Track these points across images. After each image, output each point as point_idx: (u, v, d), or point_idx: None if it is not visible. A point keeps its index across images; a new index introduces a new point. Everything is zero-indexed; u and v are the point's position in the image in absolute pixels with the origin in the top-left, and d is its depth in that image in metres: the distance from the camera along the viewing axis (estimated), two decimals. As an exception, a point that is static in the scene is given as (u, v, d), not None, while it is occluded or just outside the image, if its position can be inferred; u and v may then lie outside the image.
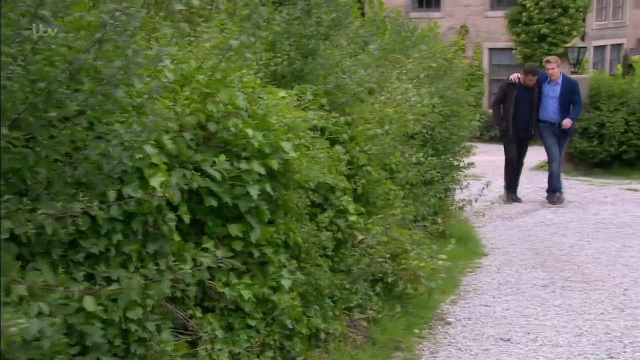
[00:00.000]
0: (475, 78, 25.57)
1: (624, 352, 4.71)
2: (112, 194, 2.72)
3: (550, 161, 10.66)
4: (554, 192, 10.62)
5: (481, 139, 23.87)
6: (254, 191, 3.78)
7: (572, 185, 12.38)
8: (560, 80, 10.41)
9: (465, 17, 25.59)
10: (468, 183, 8.69)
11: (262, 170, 3.83)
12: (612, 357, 4.63)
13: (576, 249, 7.79)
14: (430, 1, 26.27)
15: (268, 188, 3.90)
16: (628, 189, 12.28)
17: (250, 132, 3.81)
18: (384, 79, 5.60)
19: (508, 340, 4.96)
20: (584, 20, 23.55)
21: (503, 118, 10.42)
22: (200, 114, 3.55)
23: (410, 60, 6.93)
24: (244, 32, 3.94)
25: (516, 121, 10.29)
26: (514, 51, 24.48)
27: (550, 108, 10.36)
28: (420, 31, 9.67)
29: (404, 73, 6.47)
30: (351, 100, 5.33)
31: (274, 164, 3.90)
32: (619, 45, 24.98)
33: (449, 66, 7.96)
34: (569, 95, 10.37)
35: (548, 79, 10.41)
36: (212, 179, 3.66)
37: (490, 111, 24.78)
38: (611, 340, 4.91)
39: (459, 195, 9.16)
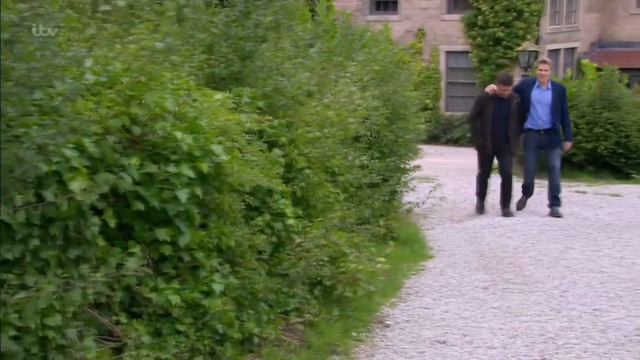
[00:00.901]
0: (432, 81, 25.82)
1: (557, 353, 4.77)
2: (18, 199, 2.66)
3: (524, 174, 10.16)
4: (523, 194, 10.28)
5: (438, 141, 24.14)
6: (182, 195, 3.74)
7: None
8: (550, 85, 9.82)
9: (422, 20, 25.79)
10: (415, 185, 8.73)
11: (192, 174, 3.80)
12: (544, 359, 4.68)
13: (520, 250, 7.87)
14: (387, 4, 26.43)
15: (198, 191, 3.87)
16: (576, 192, 12.46)
17: (179, 135, 3.77)
18: (323, 82, 5.59)
19: (444, 342, 4.98)
20: (538, 24, 23.91)
21: (479, 134, 9.76)
22: (124, 116, 3.50)
23: (353, 64, 6.95)
24: (170, 34, 3.91)
25: (494, 135, 9.64)
26: (470, 54, 24.75)
27: (539, 114, 9.72)
28: (370, 34, 9.68)
29: (345, 76, 6.47)
30: (290, 103, 5.30)
31: (204, 167, 3.87)
32: (573, 49, 25.39)
33: (395, 69, 7.99)
34: (560, 100, 9.79)
35: (537, 84, 9.78)
36: (139, 182, 3.64)
37: (448, 114, 25.29)
38: (545, 342, 4.97)
39: (409, 197, 9.21)
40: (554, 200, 10.07)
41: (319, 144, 5.63)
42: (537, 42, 23.57)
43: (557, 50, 24.87)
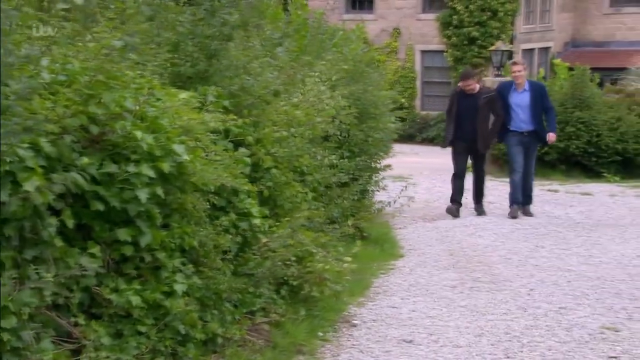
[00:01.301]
0: (407, 80, 25.91)
1: (521, 351, 4.79)
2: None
3: (511, 171, 9.88)
4: (513, 204, 9.79)
5: (414, 140, 24.23)
6: (142, 195, 3.71)
7: (495, 187, 12.59)
8: (527, 87, 9.56)
9: (397, 20, 25.86)
10: (386, 185, 8.73)
11: (152, 174, 3.76)
12: (509, 357, 4.70)
13: (490, 249, 7.90)
14: (363, 3, 26.46)
15: (159, 191, 3.83)
16: (549, 190, 12.56)
17: (139, 134, 3.73)
18: (290, 81, 5.58)
19: (410, 341, 4.98)
20: (512, 24, 24.06)
21: (447, 129, 9.71)
22: (82, 116, 3.46)
23: (322, 63, 6.94)
24: (134, 32, 3.89)
25: (459, 132, 9.42)
26: (445, 53, 24.85)
27: (519, 117, 9.49)
28: (341, 33, 9.68)
29: (314, 75, 6.47)
30: (257, 102, 5.28)
31: (165, 167, 3.83)
32: (547, 49, 25.57)
33: (365, 68, 7.99)
34: (540, 100, 9.53)
35: (513, 86, 9.55)
36: (99, 182, 3.61)
37: (424, 113, 25.37)
38: (510, 340, 4.99)
39: (382, 196, 9.19)
40: (526, 199, 10.00)
41: (287, 144, 5.61)
42: (511, 41, 23.73)
43: (531, 50, 25.05)
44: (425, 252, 7.79)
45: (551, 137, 9.78)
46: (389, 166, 8.44)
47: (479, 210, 9.98)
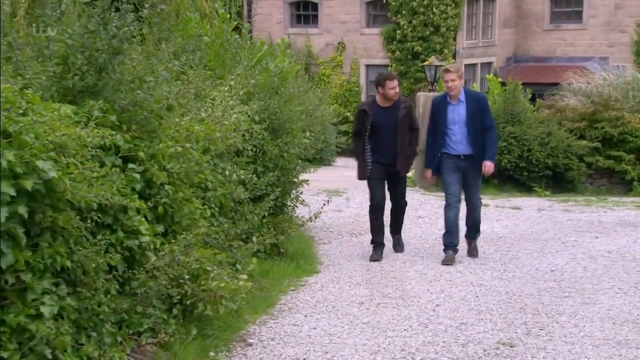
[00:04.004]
0: (353, 94, 26.02)
1: (412, 369, 4.74)
2: None
3: (446, 205, 8.00)
4: (447, 248, 7.93)
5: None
6: (1, 213, 3.57)
7: (427, 201, 12.66)
8: (463, 97, 7.66)
9: (342, 34, 26.00)
10: (303, 200, 8.64)
11: (12, 191, 3.63)
12: (399, 375, 4.65)
13: (407, 264, 7.86)
14: (308, 17, 26.53)
15: (22, 210, 3.70)
16: (479, 204, 12.60)
17: (-3, 150, 3.59)
18: (184, 96, 5.47)
19: (303, 360, 4.91)
20: (454, 39, 24.37)
21: (363, 157, 7.92)
22: None
23: (232, 77, 6.85)
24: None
25: (379, 155, 7.83)
26: (389, 68, 25.01)
27: (458, 138, 7.65)
28: (266, 48, 9.60)
29: (223, 90, 6.37)
30: (150, 117, 5.16)
31: (28, 185, 3.70)
32: (489, 64, 25.92)
33: (280, 83, 7.92)
34: (479, 115, 7.66)
35: (448, 99, 7.72)
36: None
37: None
38: (404, 357, 4.94)
39: (312, 211, 9.03)
40: (472, 233, 8.28)
41: (186, 159, 5.50)
42: (454, 56, 24.03)
43: (474, 65, 25.37)
44: (342, 268, 7.71)
45: (488, 166, 7.70)
46: (306, 181, 8.35)
47: (397, 247, 8.44)
